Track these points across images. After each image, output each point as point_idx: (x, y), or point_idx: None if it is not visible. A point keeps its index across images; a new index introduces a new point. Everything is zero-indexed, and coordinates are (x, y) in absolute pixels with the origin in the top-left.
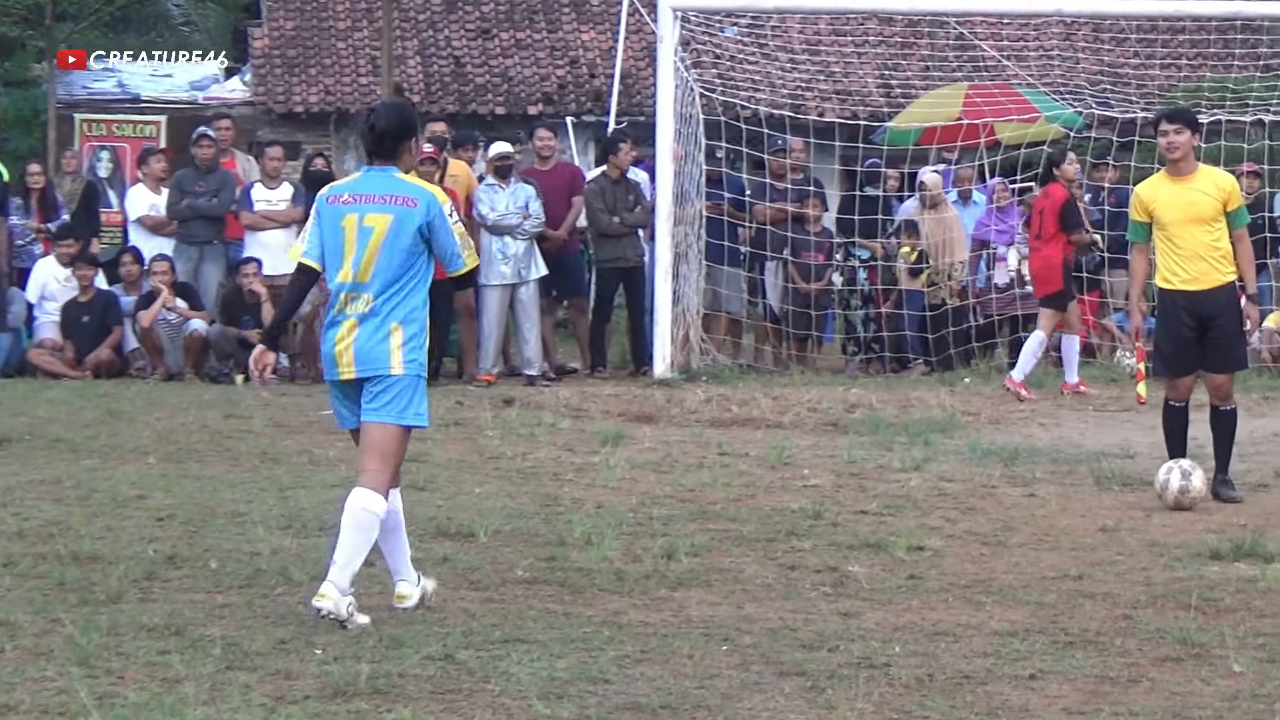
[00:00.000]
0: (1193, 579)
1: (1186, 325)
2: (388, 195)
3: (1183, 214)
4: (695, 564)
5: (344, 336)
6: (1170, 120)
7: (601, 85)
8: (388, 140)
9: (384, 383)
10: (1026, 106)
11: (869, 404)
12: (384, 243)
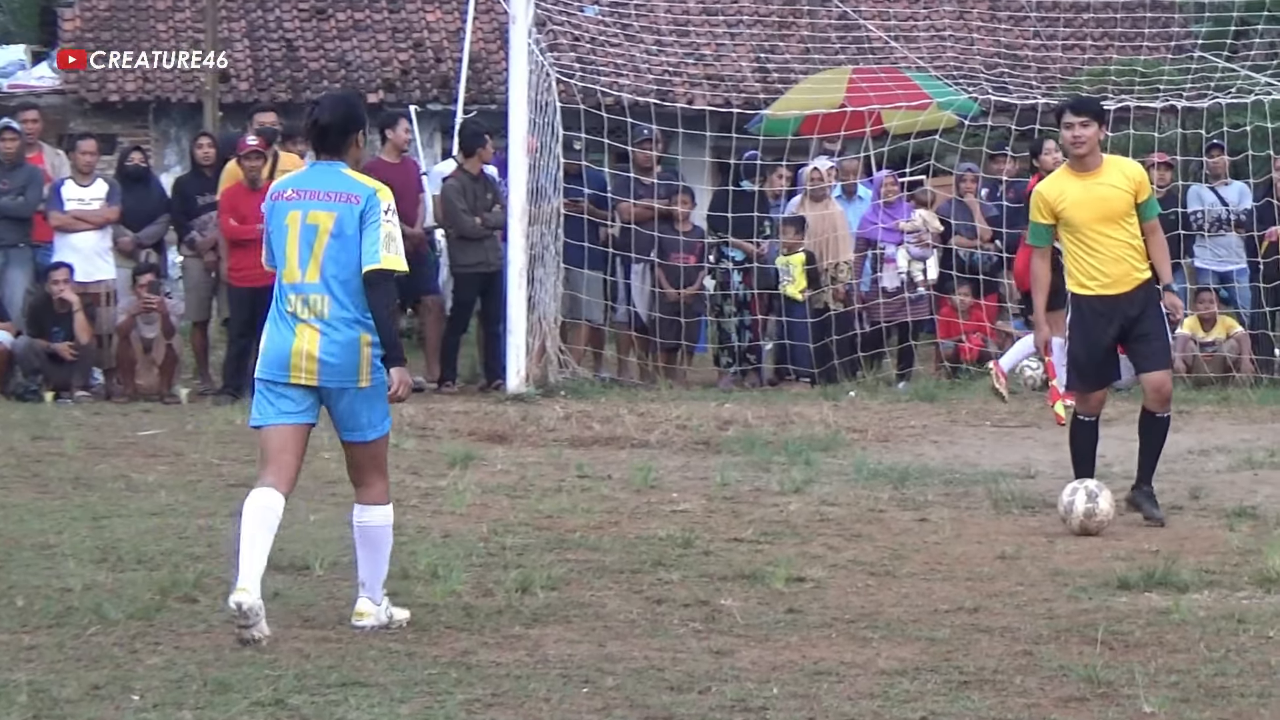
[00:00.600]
0: (1099, 611)
1: (1106, 333)
2: (332, 192)
3: (1094, 213)
4: (552, 598)
5: (304, 342)
6: (1075, 111)
7: (449, 70)
8: (332, 134)
9: (355, 398)
10: (916, 92)
11: (744, 420)
12: (329, 242)
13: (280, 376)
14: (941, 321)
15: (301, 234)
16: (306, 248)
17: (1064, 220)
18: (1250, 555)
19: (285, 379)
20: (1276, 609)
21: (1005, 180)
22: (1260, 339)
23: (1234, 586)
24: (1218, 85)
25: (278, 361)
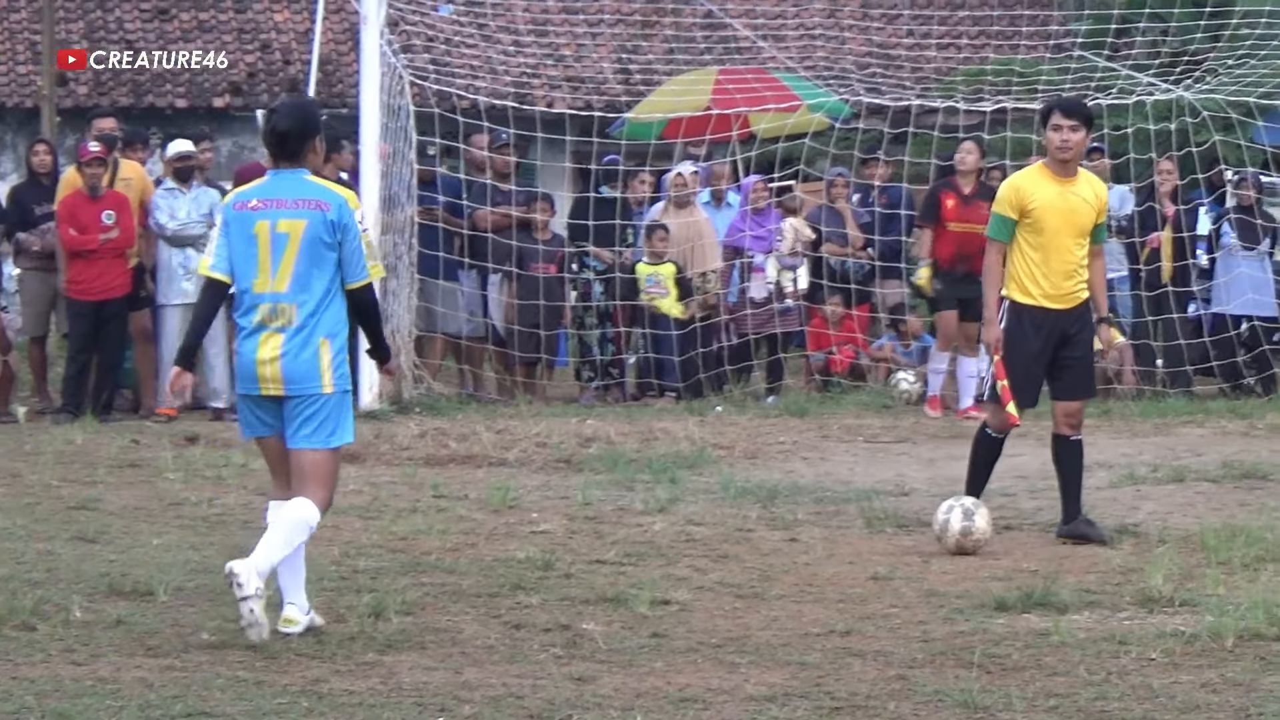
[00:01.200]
0: (976, 633)
1: (1037, 348)
2: (300, 200)
3: (1064, 221)
4: (407, 623)
5: (268, 352)
6: (1068, 114)
7: (298, 73)
8: (291, 141)
9: (314, 404)
10: (785, 94)
11: (607, 437)
12: (300, 250)
13: (252, 390)
14: (812, 333)
15: (272, 243)
16: (278, 257)
17: (1031, 221)
18: (1132, 574)
19: (257, 392)
20: (1159, 630)
21: (878, 185)
22: (1142, 349)
23: (1115, 607)
24: (1098, 86)
25: (247, 375)
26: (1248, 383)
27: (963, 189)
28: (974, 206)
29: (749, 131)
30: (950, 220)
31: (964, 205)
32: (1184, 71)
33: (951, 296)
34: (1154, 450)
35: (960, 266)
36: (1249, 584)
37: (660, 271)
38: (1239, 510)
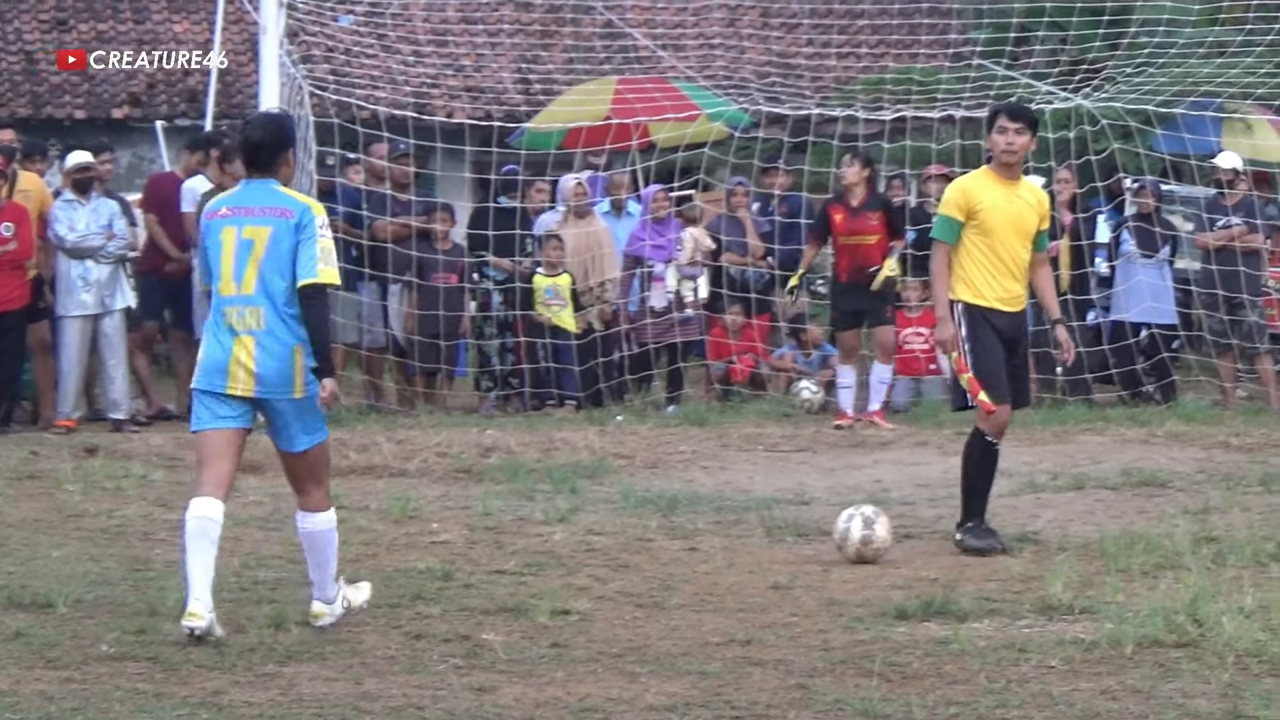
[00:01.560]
0: (876, 642)
1: (1001, 346)
2: (267, 208)
3: (1010, 224)
4: (307, 634)
5: (239, 352)
6: (1014, 118)
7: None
8: (263, 152)
9: (289, 408)
10: (685, 103)
11: (507, 447)
12: (265, 256)
13: (218, 386)
14: (712, 342)
15: (237, 249)
16: (243, 262)
17: (979, 223)
18: (1032, 582)
19: (223, 389)
20: (1059, 637)
21: (778, 194)
22: (1042, 358)
23: (1015, 615)
24: (997, 94)
25: (215, 370)
26: (1147, 390)
27: (850, 202)
28: (863, 218)
29: (649, 141)
30: (840, 234)
31: (852, 218)
32: (1083, 80)
33: (851, 312)
34: (1054, 458)
35: (856, 277)
36: (1148, 591)
37: (558, 283)
38: (1138, 518)
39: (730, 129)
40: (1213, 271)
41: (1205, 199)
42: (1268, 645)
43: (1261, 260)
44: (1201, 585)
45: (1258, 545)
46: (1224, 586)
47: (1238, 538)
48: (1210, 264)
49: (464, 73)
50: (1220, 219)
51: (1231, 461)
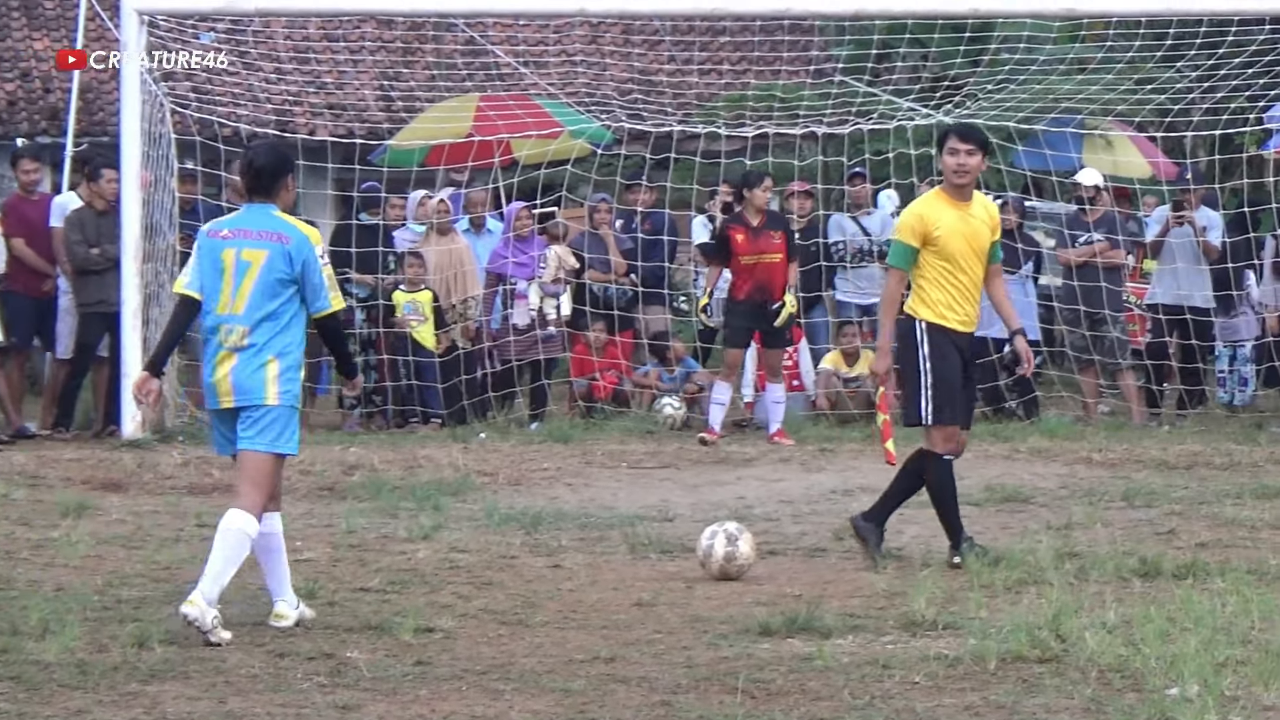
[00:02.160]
0: (740, 658)
1: (960, 366)
2: (265, 231)
3: (967, 245)
4: (171, 653)
5: (222, 368)
6: (963, 139)
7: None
8: (265, 178)
9: (259, 412)
10: (547, 120)
11: (370, 464)
12: (259, 277)
13: (214, 404)
14: (575, 359)
15: (235, 270)
16: (239, 282)
17: (937, 248)
18: (896, 598)
19: (216, 406)
20: (922, 653)
21: (640, 211)
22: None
23: (879, 631)
24: (859, 110)
25: (209, 391)
26: (1009, 406)
27: (750, 221)
28: (765, 237)
29: (511, 158)
30: (741, 254)
31: (754, 238)
32: (944, 96)
33: (746, 329)
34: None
35: (756, 296)
36: (1011, 607)
37: (418, 299)
38: (1001, 533)
39: (592, 146)
40: (1074, 287)
41: (1066, 215)
42: (1130, 660)
43: (1123, 276)
44: (1064, 600)
45: (1120, 560)
46: (1086, 602)
47: (1100, 553)
48: (1072, 280)
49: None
50: (1082, 235)
51: (1094, 477)
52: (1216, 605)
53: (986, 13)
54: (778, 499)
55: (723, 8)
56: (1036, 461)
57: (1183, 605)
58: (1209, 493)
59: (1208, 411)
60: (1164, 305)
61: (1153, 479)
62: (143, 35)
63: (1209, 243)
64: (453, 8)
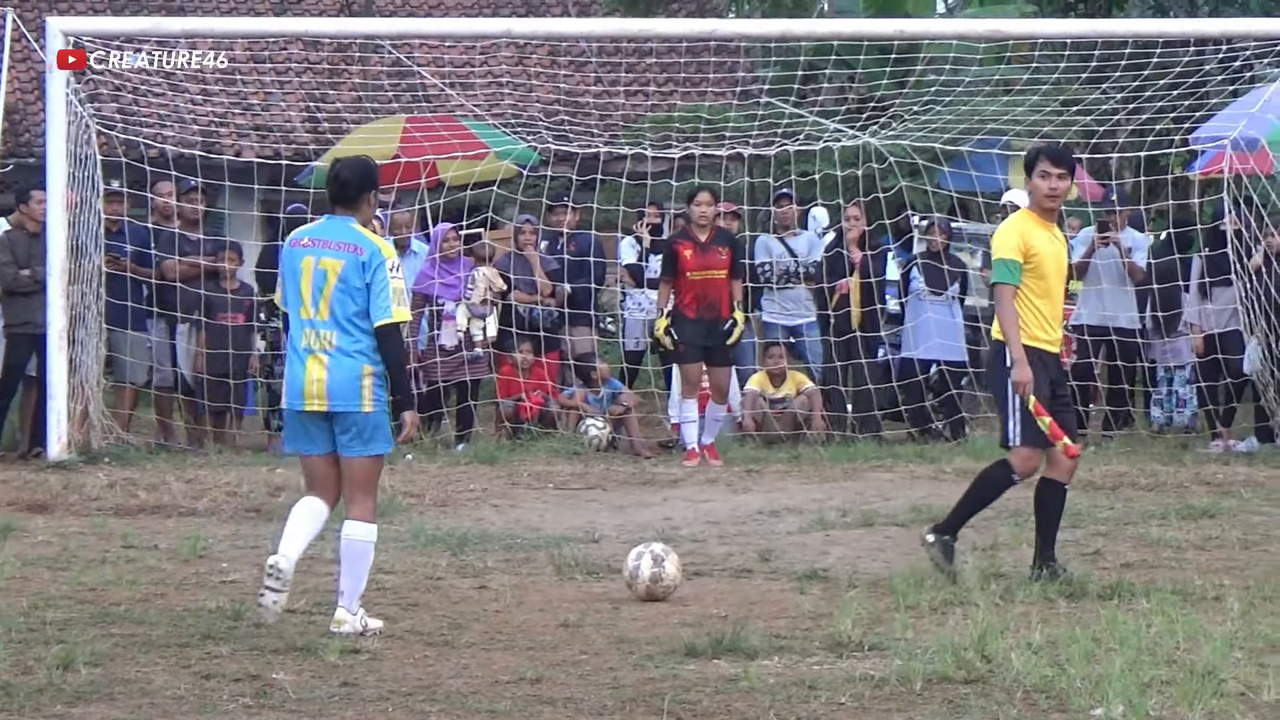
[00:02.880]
0: (666, 679)
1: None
2: (342, 243)
3: (1056, 266)
4: (96, 674)
5: (315, 371)
6: (1056, 163)
7: None
8: (350, 189)
9: (358, 420)
10: (473, 141)
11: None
12: (337, 285)
13: (297, 405)
14: (501, 380)
15: (314, 277)
16: (318, 289)
17: (1033, 267)
18: (822, 619)
19: (301, 407)
20: (848, 674)
21: (566, 232)
22: (832, 395)
23: (805, 652)
24: (785, 131)
25: (294, 392)
26: (936, 427)
27: (698, 237)
28: (712, 253)
29: (437, 179)
30: (689, 270)
31: (701, 253)
32: (870, 117)
33: (698, 346)
34: (843, 495)
35: (705, 314)
36: (937, 628)
37: None
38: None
39: (518, 167)
40: None
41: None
42: (1055, 680)
43: None
44: (990, 621)
45: (1045, 581)
46: (1012, 622)
47: (1026, 574)
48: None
49: (252, 111)
50: None
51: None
52: (1141, 626)
53: (912, 34)
54: (704, 520)
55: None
56: (963, 482)
57: (1108, 626)
58: (1134, 513)
59: (1133, 432)
60: (1089, 326)
61: (1078, 500)
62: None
63: (1134, 264)
64: (379, 29)
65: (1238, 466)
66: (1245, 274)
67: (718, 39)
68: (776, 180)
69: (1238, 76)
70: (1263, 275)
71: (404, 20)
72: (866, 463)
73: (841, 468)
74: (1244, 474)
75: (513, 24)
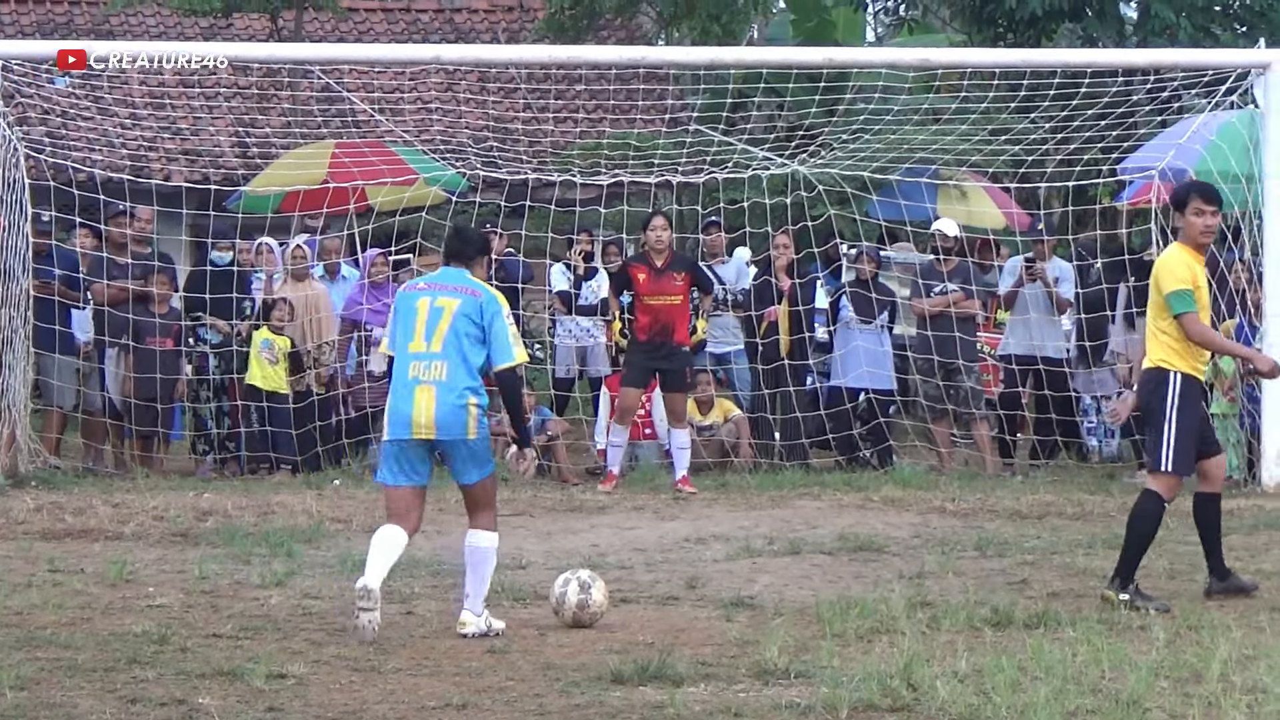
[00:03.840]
0: (592, 706)
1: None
2: (459, 286)
3: (1206, 298)
4: (21, 698)
5: (423, 401)
6: (1209, 200)
7: None
8: (470, 248)
9: (466, 448)
10: (402, 167)
11: (224, 510)
12: (452, 321)
13: (403, 435)
14: None
15: (429, 314)
16: (433, 324)
17: (1196, 299)
18: (748, 646)
19: (408, 436)
20: (774, 701)
21: (495, 258)
22: (759, 422)
23: (731, 679)
24: (714, 159)
25: (401, 423)
26: (863, 455)
27: (654, 262)
28: (667, 278)
29: (366, 205)
30: (644, 294)
31: (656, 278)
32: (799, 146)
33: (646, 370)
34: (770, 522)
35: (658, 338)
36: (863, 655)
37: (276, 341)
38: (854, 582)
39: (447, 193)
40: (929, 337)
41: (921, 265)
42: (981, 709)
43: (976, 326)
44: (916, 649)
45: (971, 610)
46: (938, 651)
47: (952, 602)
48: (926, 330)
49: (181, 135)
50: (936, 285)
51: (947, 526)
52: (1067, 654)
53: (841, 63)
54: (631, 547)
55: (578, 56)
56: (890, 511)
57: (1034, 654)
58: (1061, 542)
59: (1060, 462)
60: (1017, 355)
61: (1005, 529)
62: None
63: (1060, 294)
64: (308, 55)
65: None
66: None
67: (647, 66)
68: (705, 208)
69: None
70: None
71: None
72: (794, 490)
73: (769, 495)
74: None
75: (442, 50)
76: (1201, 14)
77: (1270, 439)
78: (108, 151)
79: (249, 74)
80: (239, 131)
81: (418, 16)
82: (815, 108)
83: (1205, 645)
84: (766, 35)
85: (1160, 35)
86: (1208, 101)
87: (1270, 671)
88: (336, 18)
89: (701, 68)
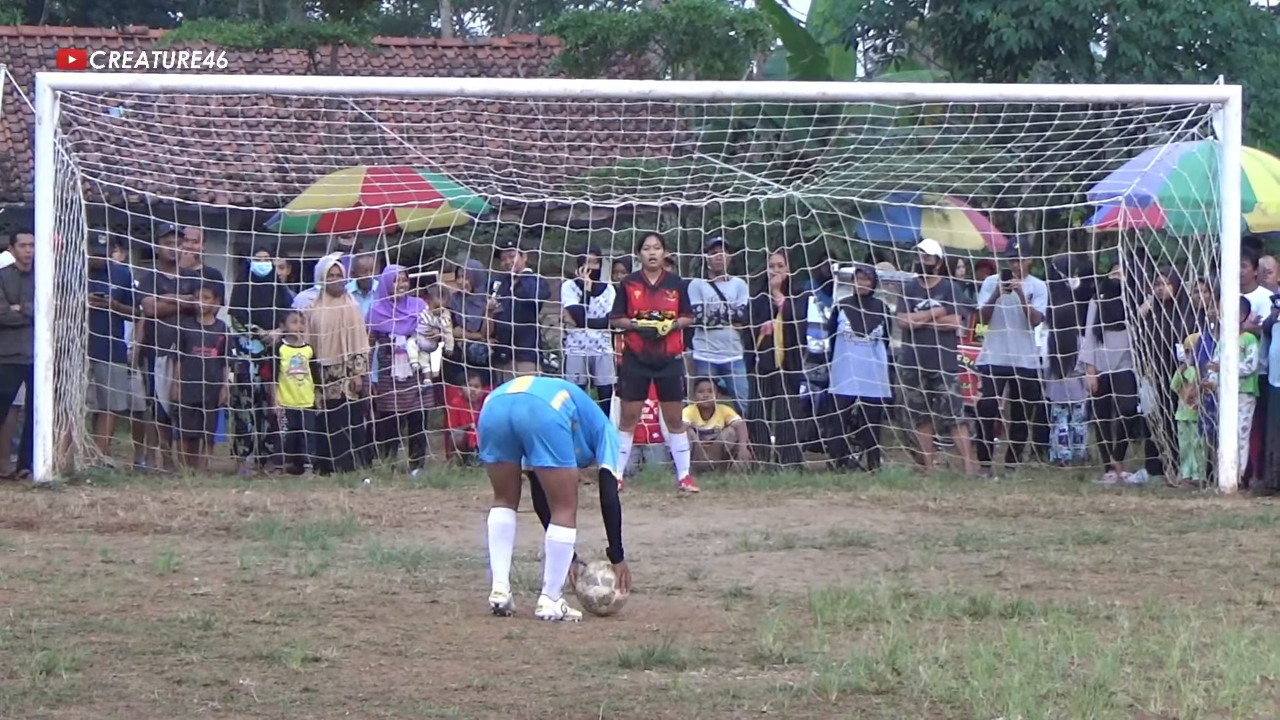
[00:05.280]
0: (601, 688)
1: None
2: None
3: None
4: (76, 679)
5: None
6: None
7: None
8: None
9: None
10: (428, 191)
11: (263, 507)
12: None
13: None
14: (452, 411)
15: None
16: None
17: None
18: (745, 634)
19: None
20: (769, 685)
21: (514, 275)
22: (756, 427)
23: (729, 664)
24: (716, 185)
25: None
26: (853, 458)
27: (649, 280)
28: (660, 295)
29: (395, 225)
30: (638, 309)
31: (650, 295)
32: (794, 172)
33: (643, 381)
34: (766, 519)
35: (652, 349)
36: (852, 642)
37: (302, 354)
38: (843, 574)
39: (470, 215)
40: (913, 349)
41: (906, 282)
42: (960, 692)
43: (957, 339)
44: (900, 637)
45: (952, 601)
46: (921, 638)
47: (934, 594)
48: (910, 342)
49: (225, 161)
50: (920, 300)
51: (929, 523)
52: (1040, 642)
53: (834, 96)
54: (638, 541)
55: (591, 89)
56: (877, 509)
57: (1009, 642)
58: (1034, 539)
59: (1033, 464)
60: (994, 366)
61: (983, 526)
62: (56, 108)
63: (1034, 309)
64: (343, 87)
65: (1129, 497)
66: (1136, 320)
67: (654, 99)
68: (707, 229)
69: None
70: (1152, 321)
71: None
72: (788, 490)
73: (765, 494)
74: (1135, 503)
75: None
76: (1165, 53)
77: (1227, 444)
78: (158, 175)
79: (288, 104)
80: (279, 157)
81: (444, 52)
82: (809, 137)
83: (1166, 634)
84: (765, 71)
85: (1127, 72)
86: (1171, 133)
87: (1226, 658)
88: (369, 53)
89: (705, 100)
